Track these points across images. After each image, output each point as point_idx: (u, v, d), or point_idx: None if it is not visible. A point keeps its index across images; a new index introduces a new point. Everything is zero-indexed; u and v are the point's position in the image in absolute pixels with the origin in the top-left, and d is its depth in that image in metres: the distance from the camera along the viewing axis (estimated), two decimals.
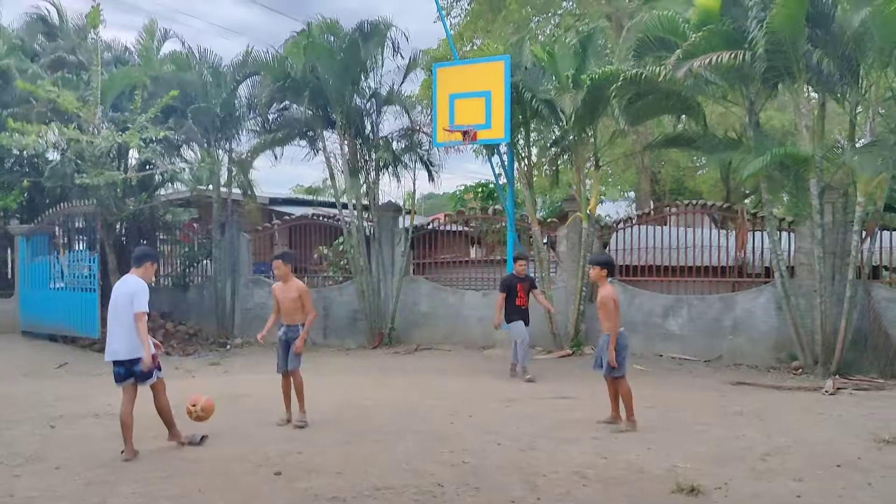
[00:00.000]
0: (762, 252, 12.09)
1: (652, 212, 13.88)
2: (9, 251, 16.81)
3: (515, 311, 10.65)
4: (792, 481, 5.43)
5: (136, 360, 6.28)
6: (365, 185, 15.12)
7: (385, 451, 6.39)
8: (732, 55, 10.07)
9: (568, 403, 8.59)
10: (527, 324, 10.68)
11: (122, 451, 6.26)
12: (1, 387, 10.32)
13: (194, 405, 6.80)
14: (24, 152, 13.82)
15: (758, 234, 12.24)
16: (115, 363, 6.36)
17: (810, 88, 11.07)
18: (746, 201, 19.49)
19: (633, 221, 13.52)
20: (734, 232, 12.74)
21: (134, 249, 7.02)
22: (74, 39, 16.43)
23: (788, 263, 11.49)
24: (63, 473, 5.80)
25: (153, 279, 6.78)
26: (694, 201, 13.90)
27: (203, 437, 6.75)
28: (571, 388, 9.59)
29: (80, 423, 7.72)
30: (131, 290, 6.31)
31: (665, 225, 13.90)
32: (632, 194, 25.87)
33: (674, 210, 14.07)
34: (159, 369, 6.55)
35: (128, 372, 6.34)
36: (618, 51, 12.95)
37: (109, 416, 7.99)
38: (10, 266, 16.87)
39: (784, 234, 11.76)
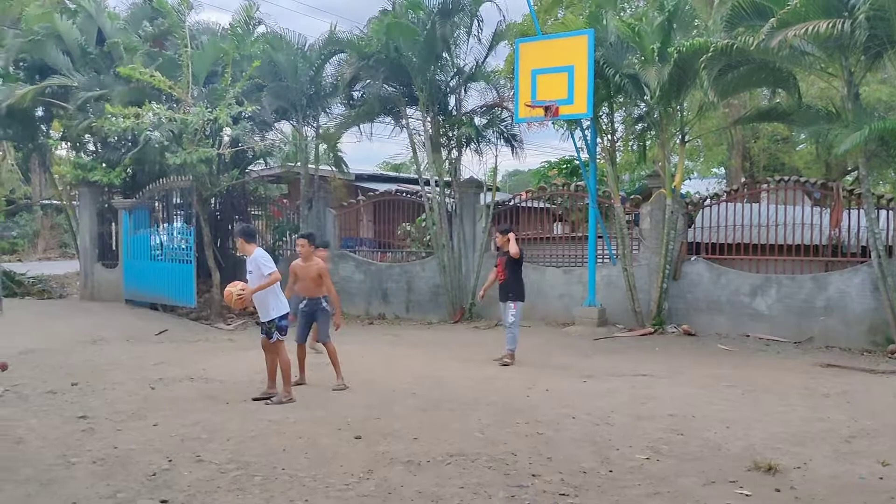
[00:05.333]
0: (858, 231, 11.57)
1: (742, 188, 13.46)
2: (113, 224, 17.82)
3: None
4: (876, 464, 5.26)
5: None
6: (447, 162, 15.26)
7: (460, 420, 6.54)
8: (830, 24, 9.62)
9: (646, 381, 8.52)
10: (506, 299, 9.73)
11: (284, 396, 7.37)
12: (107, 351, 11.04)
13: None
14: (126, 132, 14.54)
15: (855, 212, 11.72)
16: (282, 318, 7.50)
17: None
18: (847, 178, 18.62)
19: (722, 198, 13.16)
20: (829, 209, 12.22)
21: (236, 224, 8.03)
22: (170, 22, 17.15)
23: (886, 243, 10.96)
24: (160, 430, 6.21)
25: None
26: (787, 178, 13.36)
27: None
28: (650, 366, 9.49)
29: (177, 385, 8.19)
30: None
31: (757, 202, 13.46)
32: (722, 170, 25.00)
33: (765, 186, 13.59)
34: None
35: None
36: (710, 21, 12.54)
37: (203, 379, 8.48)
38: (114, 238, 17.89)
39: (882, 212, 11.21)
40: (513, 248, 9.59)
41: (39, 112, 17.74)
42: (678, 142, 12.80)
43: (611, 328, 12.80)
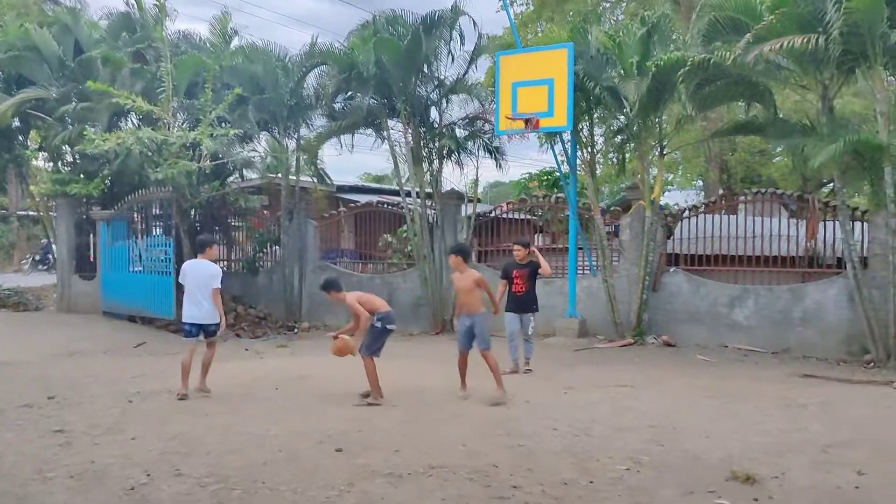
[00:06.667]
0: (834, 242, 11.74)
1: (720, 200, 13.61)
2: (91, 236, 17.64)
3: (511, 298, 9.76)
4: (852, 473, 5.33)
5: (210, 324, 8.24)
6: (428, 173, 15.31)
7: (441, 432, 6.53)
8: (805, 39, 9.79)
9: (626, 392, 8.56)
10: (529, 310, 9.79)
11: (178, 393, 7.99)
12: (84, 364, 10.92)
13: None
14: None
15: (830, 223, 11.90)
16: (191, 325, 8.20)
17: (887, 73, 10.64)
18: (824, 190, 18.87)
19: (700, 210, 13.31)
20: (805, 221, 12.40)
21: (198, 237, 8.52)
22: (150, 33, 17.09)
23: (861, 254, 11.12)
24: (139, 443, 6.15)
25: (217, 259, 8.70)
26: (763, 190, 13.55)
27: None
28: (631, 377, 9.54)
29: (155, 398, 8.12)
30: (213, 272, 8.24)
31: (735, 214, 13.62)
32: (700, 182, 25.28)
33: (742, 198, 13.76)
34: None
35: (197, 332, 8.22)
36: (688, 35, 12.71)
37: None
38: (92, 250, 17.71)
39: (857, 224, 11.38)
40: (546, 268, 9.66)
41: (16, 123, 17.56)
42: (657, 154, 12.94)
43: (591, 339, 12.86)
